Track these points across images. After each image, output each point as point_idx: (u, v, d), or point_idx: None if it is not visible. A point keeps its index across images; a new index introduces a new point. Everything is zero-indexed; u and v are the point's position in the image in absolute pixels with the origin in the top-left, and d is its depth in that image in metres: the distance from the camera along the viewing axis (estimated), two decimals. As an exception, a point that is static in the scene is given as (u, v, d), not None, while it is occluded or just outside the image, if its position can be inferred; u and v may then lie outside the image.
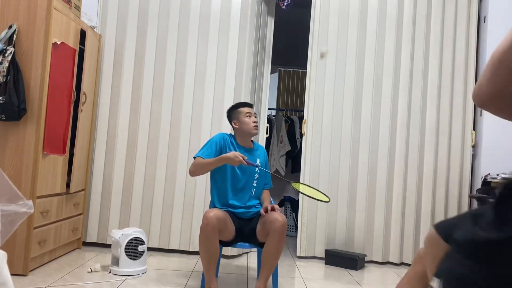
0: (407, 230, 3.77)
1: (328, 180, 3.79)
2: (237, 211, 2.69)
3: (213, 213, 2.46)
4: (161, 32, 3.74)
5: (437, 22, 3.85)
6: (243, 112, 2.76)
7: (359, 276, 3.36)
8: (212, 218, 2.43)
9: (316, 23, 3.86)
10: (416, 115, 3.81)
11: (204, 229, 2.43)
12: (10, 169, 2.76)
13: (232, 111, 2.84)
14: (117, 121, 3.71)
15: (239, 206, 2.70)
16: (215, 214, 2.46)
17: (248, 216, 2.70)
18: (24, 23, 2.80)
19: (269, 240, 2.51)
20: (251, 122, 2.74)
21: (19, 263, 2.73)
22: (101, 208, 3.68)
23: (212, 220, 2.42)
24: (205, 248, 2.48)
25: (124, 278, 2.85)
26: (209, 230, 2.43)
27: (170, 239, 3.66)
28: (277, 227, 2.48)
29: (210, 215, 2.44)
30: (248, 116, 2.76)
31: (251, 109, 2.80)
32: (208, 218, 2.43)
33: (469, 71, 3.86)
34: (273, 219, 2.51)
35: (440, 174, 3.80)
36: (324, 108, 3.83)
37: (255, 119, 2.77)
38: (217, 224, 2.45)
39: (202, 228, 2.45)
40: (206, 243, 2.46)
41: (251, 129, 2.74)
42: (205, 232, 2.44)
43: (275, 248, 2.52)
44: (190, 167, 2.63)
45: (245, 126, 2.73)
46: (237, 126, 2.77)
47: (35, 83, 2.79)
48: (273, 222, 2.50)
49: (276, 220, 2.49)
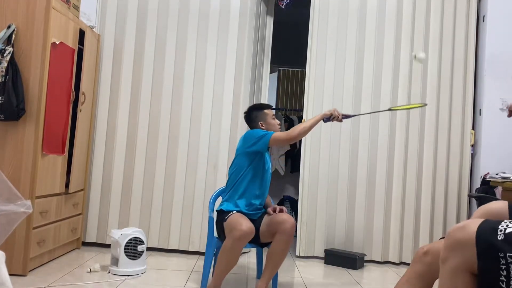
0: (406, 230, 3.77)
1: (327, 179, 3.79)
2: (251, 212, 2.67)
3: (246, 226, 2.41)
4: (160, 31, 3.74)
5: (436, 21, 3.85)
6: (269, 114, 2.79)
7: (359, 275, 3.36)
8: (247, 232, 2.40)
9: (315, 22, 3.86)
10: (415, 114, 3.81)
11: (238, 242, 2.40)
12: (9, 169, 2.76)
13: (258, 112, 2.80)
14: (116, 121, 3.70)
15: (258, 206, 2.71)
16: (249, 227, 2.42)
17: (257, 217, 2.69)
18: (22, 23, 2.80)
19: (277, 240, 2.51)
20: (277, 124, 2.79)
21: (18, 263, 2.73)
22: (100, 208, 3.68)
23: (247, 234, 2.40)
24: (230, 258, 2.46)
25: (124, 278, 2.85)
26: (242, 243, 2.42)
27: (169, 239, 3.65)
28: (286, 228, 2.49)
29: (244, 228, 2.40)
30: (273, 119, 2.80)
31: (274, 112, 2.85)
32: (243, 231, 2.39)
33: (468, 70, 3.86)
34: (282, 220, 2.52)
35: (439, 173, 3.80)
36: (323, 107, 3.82)
37: (278, 121, 2.82)
38: (250, 238, 2.44)
39: (235, 240, 2.40)
40: (233, 254, 2.45)
41: (277, 131, 2.76)
42: (238, 245, 2.41)
43: (282, 249, 2.52)
44: (288, 136, 2.56)
45: (273, 128, 2.76)
46: (264, 127, 2.76)
47: (34, 83, 2.79)
48: (282, 223, 2.50)
49: (286, 221, 2.50)
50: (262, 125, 2.76)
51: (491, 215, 1.57)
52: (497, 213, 1.58)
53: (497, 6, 3.86)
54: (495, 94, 3.81)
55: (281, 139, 2.63)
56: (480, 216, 1.56)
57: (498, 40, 3.84)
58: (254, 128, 2.78)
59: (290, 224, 2.49)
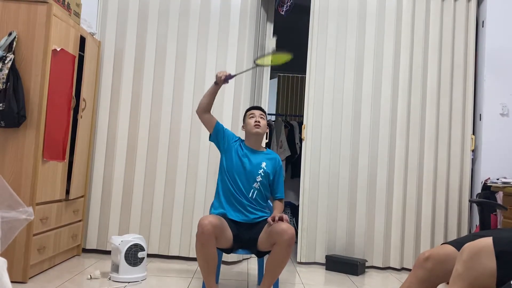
0: (407, 235, 3.76)
1: (328, 185, 3.78)
2: (236, 217, 2.66)
3: (208, 220, 2.42)
4: (161, 38, 3.75)
5: (435, 27, 3.87)
6: (247, 114, 2.85)
7: (360, 281, 3.34)
8: (207, 226, 2.39)
9: (315, 28, 3.87)
10: (415, 120, 3.82)
11: (200, 237, 2.40)
12: (10, 176, 2.76)
13: (244, 116, 2.91)
14: (116, 127, 3.71)
15: (239, 209, 2.68)
16: (210, 221, 2.42)
17: (246, 220, 2.67)
18: (24, 30, 2.81)
19: (276, 250, 2.48)
20: (252, 122, 2.77)
21: (18, 270, 2.72)
22: (100, 215, 3.67)
23: (207, 228, 2.39)
24: (202, 256, 2.45)
25: (124, 285, 2.84)
26: (205, 238, 2.39)
27: (169, 245, 3.64)
28: (285, 239, 2.43)
29: (205, 222, 2.41)
30: (251, 117, 2.80)
31: (255, 111, 2.83)
32: (203, 226, 2.40)
33: (467, 75, 3.87)
34: (281, 230, 2.45)
35: (440, 179, 3.80)
36: (323, 113, 3.83)
37: (257, 119, 2.78)
38: (213, 231, 2.41)
39: (197, 236, 2.42)
40: (202, 250, 2.43)
41: (251, 128, 2.77)
42: (201, 240, 2.40)
43: (281, 259, 2.49)
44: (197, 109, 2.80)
45: (247, 126, 2.80)
46: (244, 128, 2.85)
47: (35, 90, 2.80)
48: (280, 233, 2.45)
49: (284, 232, 2.43)
50: (243, 126, 2.87)
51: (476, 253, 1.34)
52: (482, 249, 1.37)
53: (496, 11, 3.88)
54: (495, 99, 3.82)
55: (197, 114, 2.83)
56: (468, 254, 1.34)
57: (497, 45, 3.86)
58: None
59: (289, 235, 2.43)
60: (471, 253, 1.24)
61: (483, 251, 1.21)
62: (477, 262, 1.21)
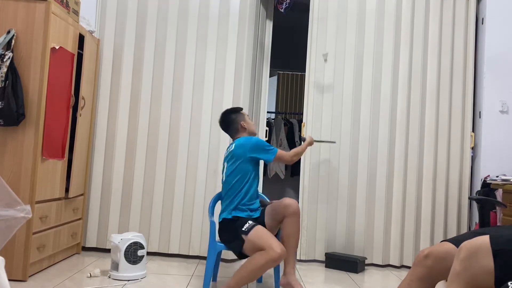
0: (407, 233, 3.76)
1: (327, 183, 3.78)
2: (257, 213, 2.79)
3: (281, 249, 2.41)
4: (160, 36, 3.74)
5: (435, 24, 3.86)
6: (245, 115, 2.99)
7: (360, 279, 3.35)
8: (281, 255, 2.40)
9: (314, 26, 3.87)
10: (415, 117, 3.81)
11: (273, 263, 2.41)
12: (9, 174, 2.76)
13: (236, 114, 2.96)
14: (116, 125, 3.70)
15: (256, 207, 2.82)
16: (283, 250, 2.42)
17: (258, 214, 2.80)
18: (22, 28, 2.80)
19: (288, 223, 2.61)
20: (252, 122, 3.03)
21: (18, 269, 2.72)
22: (100, 213, 3.67)
23: (282, 257, 2.41)
24: (258, 274, 2.46)
25: (124, 283, 2.84)
26: (275, 264, 2.44)
27: (169, 243, 3.65)
28: (294, 209, 2.61)
29: (280, 252, 2.39)
30: (249, 118, 3.03)
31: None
32: (281, 256, 2.40)
33: (467, 73, 3.87)
34: (287, 203, 2.63)
35: (439, 176, 3.80)
36: (323, 110, 3.83)
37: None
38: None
39: (271, 261, 2.39)
40: (263, 271, 2.45)
41: (255, 129, 3.01)
42: (272, 265, 2.43)
43: (295, 230, 2.64)
44: (290, 157, 2.87)
45: (252, 126, 2.98)
46: (246, 126, 2.94)
47: (34, 88, 2.79)
48: (288, 206, 2.62)
49: (291, 204, 2.62)
50: (243, 124, 2.92)
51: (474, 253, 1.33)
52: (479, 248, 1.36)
53: (496, 8, 3.87)
54: (494, 96, 3.82)
55: (283, 159, 2.85)
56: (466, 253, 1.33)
57: (497, 42, 3.85)
58: (235, 129, 2.92)
59: (296, 205, 2.64)
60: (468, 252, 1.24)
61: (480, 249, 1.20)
62: (474, 261, 1.21)
